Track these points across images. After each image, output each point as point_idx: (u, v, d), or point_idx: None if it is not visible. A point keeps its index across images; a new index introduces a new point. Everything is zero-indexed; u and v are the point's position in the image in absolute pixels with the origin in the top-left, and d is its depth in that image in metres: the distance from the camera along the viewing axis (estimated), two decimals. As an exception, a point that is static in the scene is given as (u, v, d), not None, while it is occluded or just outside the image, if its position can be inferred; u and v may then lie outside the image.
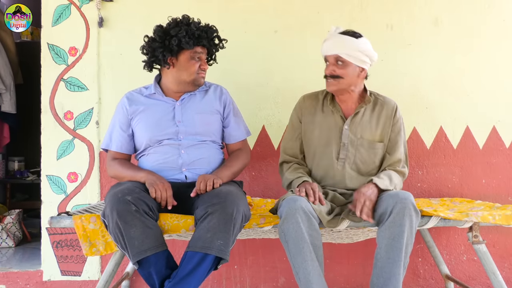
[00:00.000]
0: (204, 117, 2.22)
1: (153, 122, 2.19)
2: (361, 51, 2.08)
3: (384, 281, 1.86)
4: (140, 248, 1.83)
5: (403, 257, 1.87)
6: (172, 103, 2.22)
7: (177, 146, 2.17)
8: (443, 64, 2.82)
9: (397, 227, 1.86)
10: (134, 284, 2.71)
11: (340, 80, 2.10)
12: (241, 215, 1.90)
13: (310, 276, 1.84)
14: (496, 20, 2.85)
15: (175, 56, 2.14)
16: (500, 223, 2.08)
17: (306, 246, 1.85)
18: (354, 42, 2.08)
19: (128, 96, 2.27)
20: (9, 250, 3.26)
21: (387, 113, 2.20)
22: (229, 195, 1.92)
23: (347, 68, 2.08)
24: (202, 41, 2.14)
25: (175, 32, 2.10)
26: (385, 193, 1.99)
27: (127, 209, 1.84)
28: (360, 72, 2.12)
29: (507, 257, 2.81)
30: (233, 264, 2.76)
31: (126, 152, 2.26)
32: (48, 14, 2.71)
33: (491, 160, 2.83)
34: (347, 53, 2.07)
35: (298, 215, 1.85)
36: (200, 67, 2.17)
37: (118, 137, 2.24)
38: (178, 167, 2.16)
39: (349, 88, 2.13)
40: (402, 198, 1.89)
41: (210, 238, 1.82)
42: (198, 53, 2.15)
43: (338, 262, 2.76)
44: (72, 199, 2.69)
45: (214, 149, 2.24)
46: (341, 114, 2.19)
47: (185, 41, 2.09)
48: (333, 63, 2.10)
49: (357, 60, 2.08)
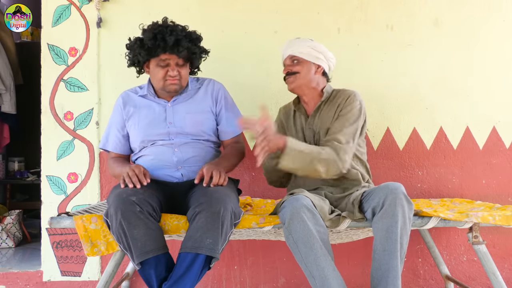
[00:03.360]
0: (195, 116, 2.21)
1: (145, 123, 2.20)
2: (313, 48, 2.19)
3: (383, 273, 1.85)
4: (142, 250, 1.83)
5: (399, 248, 1.86)
6: (164, 104, 2.22)
7: (170, 145, 2.17)
8: (443, 64, 2.82)
9: (390, 218, 1.85)
10: (134, 284, 2.71)
11: (297, 75, 2.20)
12: (229, 213, 1.88)
13: (325, 271, 1.82)
14: (496, 20, 2.85)
15: (146, 64, 2.19)
16: (500, 223, 2.08)
17: (316, 242, 1.83)
18: (306, 41, 2.22)
19: (123, 96, 2.28)
20: (9, 250, 3.26)
21: (342, 100, 2.20)
22: (214, 193, 1.91)
23: (302, 65, 2.20)
24: (167, 49, 2.09)
25: (146, 39, 2.10)
26: (376, 187, 1.98)
27: (131, 209, 1.84)
28: (317, 69, 2.21)
29: (507, 258, 2.81)
30: (233, 265, 2.76)
31: (122, 153, 2.28)
32: (48, 14, 2.71)
33: (491, 160, 2.83)
34: (299, 51, 2.19)
35: (303, 213, 1.85)
36: (167, 73, 2.13)
37: (113, 137, 2.26)
38: (173, 165, 2.16)
39: (308, 84, 2.21)
40: (393, 189, 1.88)
41: (200, 237, 1.83)
42: (163, 61, 2.12)
43: (338, 262, 2.71)
44: (72, 199, 2.69)
45: (208, 147, 2.24)
46: (305, 115, 2.27)
47: (151, 48, 2.09)
48: (289, 64, 2.23)
49: (311, 56, 2.19)
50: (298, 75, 2.19)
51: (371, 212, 1.94)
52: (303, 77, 2.19)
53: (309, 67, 2.20)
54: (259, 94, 2.77)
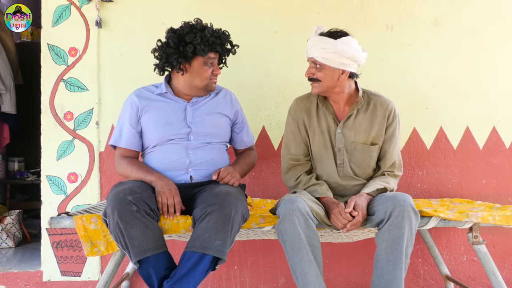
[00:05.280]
0: (214, 118, 2.24)
1: (164, 121, 2.18)
2: (339, 53, 2.00)
3: (386, 283, 1.86)
4: (140, 249, 1.83)
5: (404, 259, 1.87)
6: (183, 103, 2.22)
7: (186, 146, 2.17)
8: (443, 64, 2.82)
9: (397, 229, 1.86)
10: (134, 284, 2.71)
11: (320, 83, 2.07)
12: (239, 216, 1.90)
13: (307, 276, 1.84)
14: (496, 20, 2.85)
15: (189, 62, 2.15)
16: (500, 223, 2.08)
17: (303, 247, 1.85)
18: (331, 44, 2.01)
19: (137, 93, 2.25)
20: (9, 250, 3.26)
21: (381, 114, 2.14)
22: (227, 196, 1.93)
23: (324, 71, 2.04)
24: (216, 47, 2.15)
25: (190, 39, 2.09)
26: (383, 196, 1.99)
27: (128, 209, 1.84)
28: (341, 75, 2.05)
29: (507, 258, 2.81)
30: (233, 265, 2.76)
31: (135, 149, 2.24)
32: (48, 14, 2.70)
33: (491, 160, 2.83)
34: (323, 57, 2.02)
35: (294, 216, 1.85)
36: (213, 72, 2.18)
37: (127, 133, 2.21)
38: (184, 168, 2.16)
39: (332, 90, 2.10)
40: (401, 201, 1.88)
41: (208, 238, 1.83)
42: (211, 59, 2.16)
43: (338, 262, 2.76)
44: (72, 199, 2.69)
45: (221, 151, 2.25)
46: (333, 116, 2.15)
47: (200, 48, 2.09)
48: (312, 66, 2.08)
49: (335, 62, 2.02)
50: (321, 83, 2.07)
51: (377, 220, 1.93)
52: (326, 85, 2.07)
53: (332, 73, 2.04)
54: (259, 94, 2.77)
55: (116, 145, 2.24)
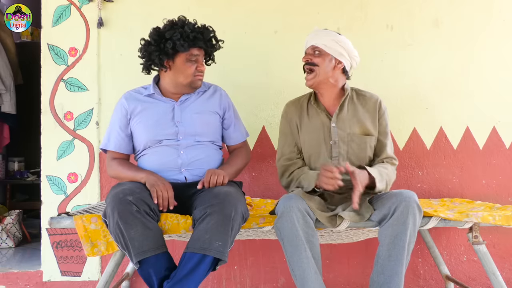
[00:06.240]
0: (203, 117, 2.23)
1: (152, 123, 2.18)
2: (338, 42, 2.12)
3: (385, 279, 1.86)
4: (140, 249, 1.83)
5: (405, 256, 1.87)
6: (171, 103, 2.22)
7: (176, 146, 2.17)
8: (443, 64, 2.82)
9: (401, 225, 1.86)
10: (134, 284, 2.71)
11: (316, 69, 2.12)
12: (239, 216, 1.90)
13: (305, 273, 1.84)
14: (496, 20, 2.85)
15: (171, 59, 2.14)
16: (500, 223, 2.08)
17: (301, 244, 1.85)
18: (332, 34, 2.14)
19: (126, 96, 2.26)
20: (9, 250, 3.26)
21: (372, 106, 2.20)
22: (227, 196, 1.92)
23: (322, 57, 2.12)
24: (198, 43, 2.13)
25: (169, 35, 2.09)
26: (389, 192, 2.00)
27: (128, 209, 1.84)
28: (337, 64, 2.13)
29: (507, 258, 2.81)
30: (233, 265, 2.76)
31: (125, 152, 2.25)
32: (48, 14, 2.71)
33: (491, 160, 2.83)
34: (323, 43, 2.12)
35: (293, 213, 1.86)
36: (197, 69, 2.16)
37: (116, 137, 2.23)
38: (177, 168, 2.16)
39: (326, 80, 2.14)
40: (406, 197, 1.89)
41: (209, 239, 1.82)
42: (194, 56, 2.14)
43: (338, 262, 2.76)
44: (72, 199, 2.69)
45: (212, 149, 2.24)
46: (326, 113, 2.19)
47: (179, 43, 2.08)
48: (310, 53, 2.15)
49: (334, 51, 2.11)
50: (317, 69, 2.12)
51: (380, 216, 1.94)
52: (322, 72, 2.12)
53: (329, 60, 2.12)
54: (259, 94, 2.77)
55: (105, 149, 2.25)
